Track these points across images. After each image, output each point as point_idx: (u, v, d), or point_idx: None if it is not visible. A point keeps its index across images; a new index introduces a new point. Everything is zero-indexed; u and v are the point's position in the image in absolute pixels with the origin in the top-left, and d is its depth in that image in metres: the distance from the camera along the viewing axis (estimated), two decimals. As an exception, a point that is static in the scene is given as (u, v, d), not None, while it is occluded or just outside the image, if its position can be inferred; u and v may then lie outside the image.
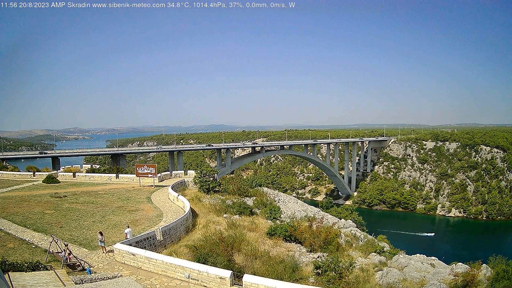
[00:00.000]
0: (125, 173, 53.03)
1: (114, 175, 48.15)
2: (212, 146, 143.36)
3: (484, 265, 22.63)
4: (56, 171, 54.57)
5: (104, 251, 20.29)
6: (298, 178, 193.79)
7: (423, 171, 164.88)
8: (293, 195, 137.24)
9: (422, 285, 20.77)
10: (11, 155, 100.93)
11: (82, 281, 14.53)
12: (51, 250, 18.59)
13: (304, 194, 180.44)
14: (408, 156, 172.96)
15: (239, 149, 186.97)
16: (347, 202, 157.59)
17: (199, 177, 41.06)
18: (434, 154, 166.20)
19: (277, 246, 25.52)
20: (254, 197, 39.95)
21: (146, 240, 21.14)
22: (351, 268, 20.43)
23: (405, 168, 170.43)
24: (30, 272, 14.52)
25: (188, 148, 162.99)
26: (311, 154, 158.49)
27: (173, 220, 25.73)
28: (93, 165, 71.03)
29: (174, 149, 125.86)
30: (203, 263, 17.80)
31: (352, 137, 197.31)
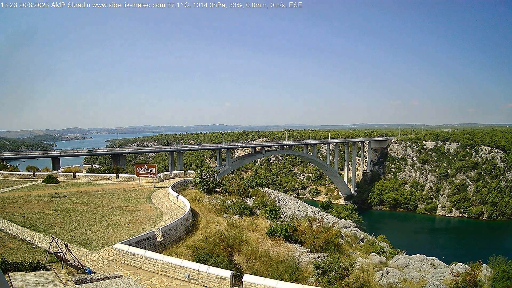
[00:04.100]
0: (125, 173, 52.90)
1: (114, 175, 48.10)
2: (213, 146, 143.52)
3: (484, 265, 22.67)
4: (56, 171, 54.54)
5: None
6: (298, 178, 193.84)
7: (423, 171, 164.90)
8: (294, 195, 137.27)
9: (422, 285, 20.78)
10: (12, 155, 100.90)
11: (82, 281, 14.53)
12: (51, 250, 18.59)
13: (305, 194, 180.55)
14: (408, 156, 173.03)
15: (239, 149, 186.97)
16: (347, 202, 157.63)
17: (199, 177, 41.01)
18: (434, 154, 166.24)
19: (277, 246, 25.49)
20: (254, 197, 39.84)
21: (146, 240, 21.12)
22: (351, 268, 20.41)
23: (405, 168, 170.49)
24: (30, 272, 14.52)
25: (188, 148, 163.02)
26: (311, 154, 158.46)
27: (173, 220, 25.71)
28: (93, 165, 71.06)
29: (174, 149, 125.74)
30: (203, 263, 17.77)
31: (352, 137, 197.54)
